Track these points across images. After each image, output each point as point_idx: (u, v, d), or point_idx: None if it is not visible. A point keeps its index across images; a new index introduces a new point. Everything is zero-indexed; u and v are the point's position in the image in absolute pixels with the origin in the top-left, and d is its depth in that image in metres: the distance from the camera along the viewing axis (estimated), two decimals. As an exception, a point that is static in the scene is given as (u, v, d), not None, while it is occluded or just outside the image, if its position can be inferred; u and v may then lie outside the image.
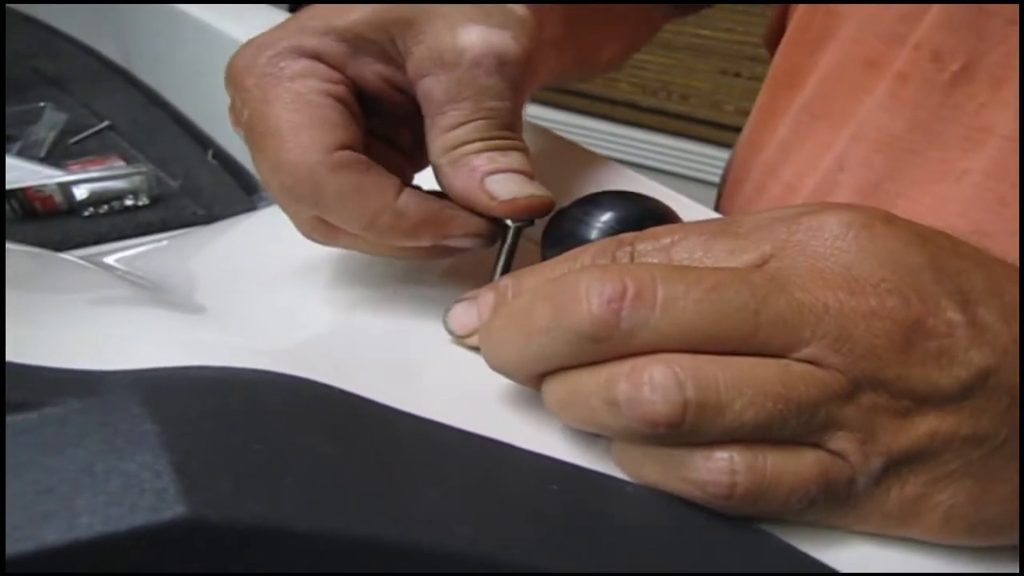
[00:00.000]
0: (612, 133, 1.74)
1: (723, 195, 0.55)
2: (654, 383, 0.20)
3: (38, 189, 0.52)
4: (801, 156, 0.45)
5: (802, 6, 0.46)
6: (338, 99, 0.28)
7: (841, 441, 0.21)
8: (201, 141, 0.63)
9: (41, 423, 0.18)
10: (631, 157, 1.71)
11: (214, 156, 0.61)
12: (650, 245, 0.24)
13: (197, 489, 0.17)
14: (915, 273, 0.21)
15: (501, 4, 0.30)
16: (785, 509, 0.21)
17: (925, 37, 0.37)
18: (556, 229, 0.29)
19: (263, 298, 0.31)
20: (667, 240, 0.24)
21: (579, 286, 0.21)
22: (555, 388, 0.23)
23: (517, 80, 0.30)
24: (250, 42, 0.28)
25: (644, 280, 0.21)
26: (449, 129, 0.28)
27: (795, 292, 0.21)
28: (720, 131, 1.56)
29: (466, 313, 0.28)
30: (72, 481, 0.17)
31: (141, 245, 0.46)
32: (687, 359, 0.21)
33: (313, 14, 0.29)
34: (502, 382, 0.25)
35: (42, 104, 0.59)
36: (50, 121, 0.57)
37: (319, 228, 0.29)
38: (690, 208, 0.38)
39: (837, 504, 0.21)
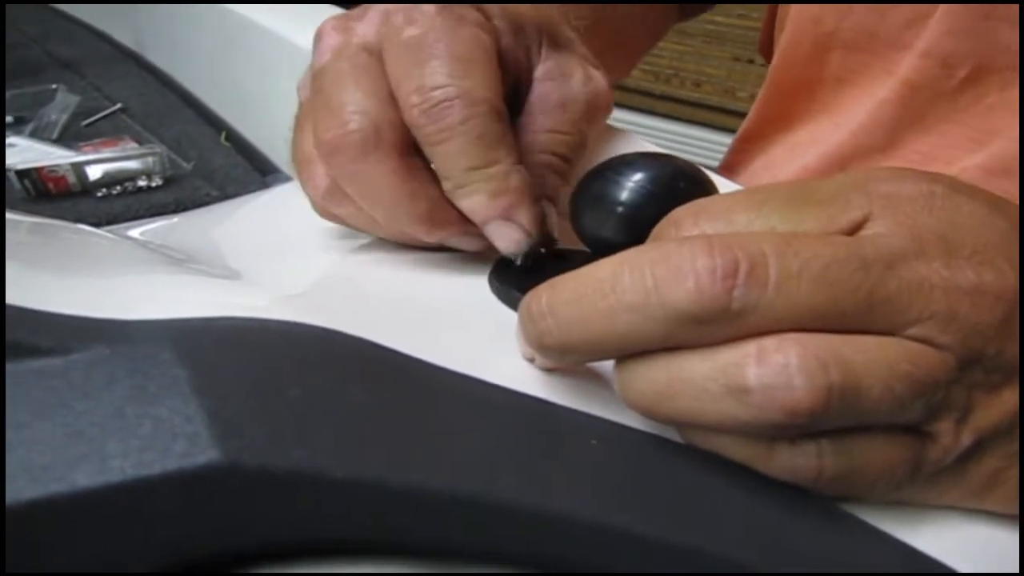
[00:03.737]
0: (625, 120, 1.73)
1: None
2: (792, 366, 0.18)
3: (51, 169, 0.52)
4: (808, 157, 0.46)
5: (788, 24, 0.46)
6: (497, 58, 0.29)
7: (939, 423, 0.20)
8: (214, 124, 0.62)
9: (68, 368, 0.17)
10: (642, 146, 1.69)
11: (227, 138, 0.61)
12: (722, 223, 0.21)
13: (230, 434, 0.16)
14: (1002, 240, 0.20)
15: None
16: (869, 493, 0.20)
17: (933, 45, 0.37)
18: (587, 190, 0.28)
19: (290, 263, 0.30)
20: (742, 218, 0.21)
21: (682, 258, 0.19)
22: (647, 375, 0.20)
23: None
24: None
25: (756, 255, 0.19)
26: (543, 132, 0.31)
27: (902, 269, 0.19)
28: (733, 118, 1.54)
29: None
30: (102, 425, 0.16)
31: (156, 223, 0.46)
32: (816, 339, 0.18)
33: None
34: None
35: (54, 86, 0.59)
36: (62, 103, 0.57)
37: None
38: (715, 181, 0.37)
39: (920, 483, 0.21)
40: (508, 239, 0.28)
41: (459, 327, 0.25)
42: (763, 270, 0.18)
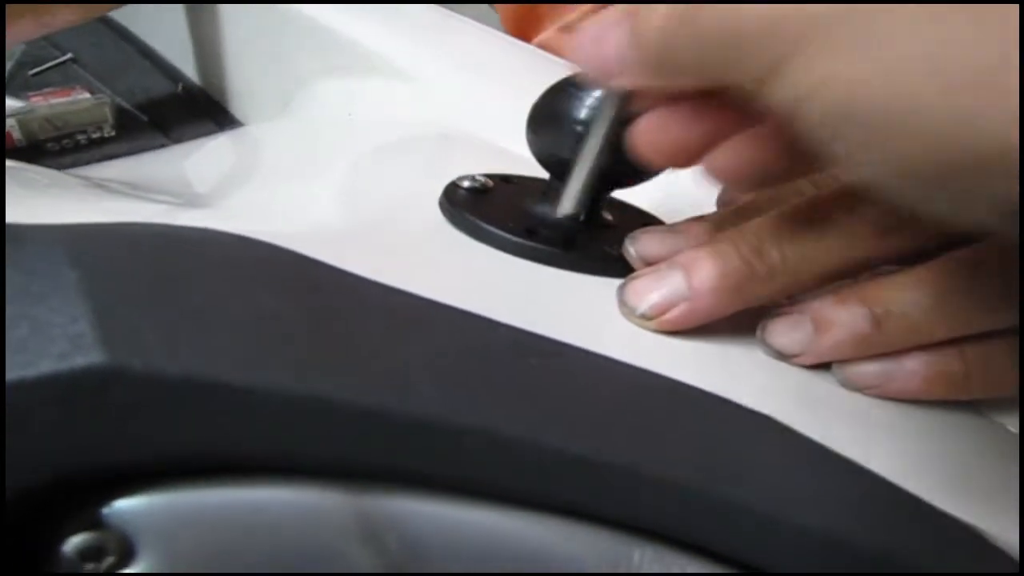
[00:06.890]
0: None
1: None
2: None
3: (-5, 118, 0.50)
4: None
5: None
6: None
7: None
8: (171, 76, 0.60)
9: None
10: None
11: (184, 89, 0.59)
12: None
13: (119, 336, 0.15)
14: None
15: None
16: None
17: None
18: (544, 108, 0.26)
19: (245, 197, 0.28)
20: None
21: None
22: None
23: None
24: None
25: None
26: None
27: None
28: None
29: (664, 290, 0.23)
30: (-30, 325, 0.14)
31: (107, 164, 0.44)
32: None
33: None
34: (481, 262, 0.23)
35: (-2, 33, 0.56)
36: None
37: None
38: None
39: None
40: None
41: (399, 244, 0.23)
42: None
